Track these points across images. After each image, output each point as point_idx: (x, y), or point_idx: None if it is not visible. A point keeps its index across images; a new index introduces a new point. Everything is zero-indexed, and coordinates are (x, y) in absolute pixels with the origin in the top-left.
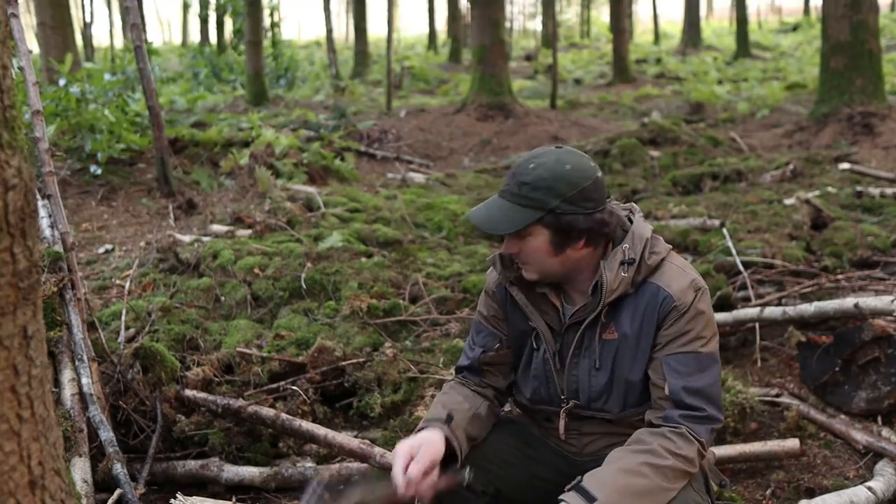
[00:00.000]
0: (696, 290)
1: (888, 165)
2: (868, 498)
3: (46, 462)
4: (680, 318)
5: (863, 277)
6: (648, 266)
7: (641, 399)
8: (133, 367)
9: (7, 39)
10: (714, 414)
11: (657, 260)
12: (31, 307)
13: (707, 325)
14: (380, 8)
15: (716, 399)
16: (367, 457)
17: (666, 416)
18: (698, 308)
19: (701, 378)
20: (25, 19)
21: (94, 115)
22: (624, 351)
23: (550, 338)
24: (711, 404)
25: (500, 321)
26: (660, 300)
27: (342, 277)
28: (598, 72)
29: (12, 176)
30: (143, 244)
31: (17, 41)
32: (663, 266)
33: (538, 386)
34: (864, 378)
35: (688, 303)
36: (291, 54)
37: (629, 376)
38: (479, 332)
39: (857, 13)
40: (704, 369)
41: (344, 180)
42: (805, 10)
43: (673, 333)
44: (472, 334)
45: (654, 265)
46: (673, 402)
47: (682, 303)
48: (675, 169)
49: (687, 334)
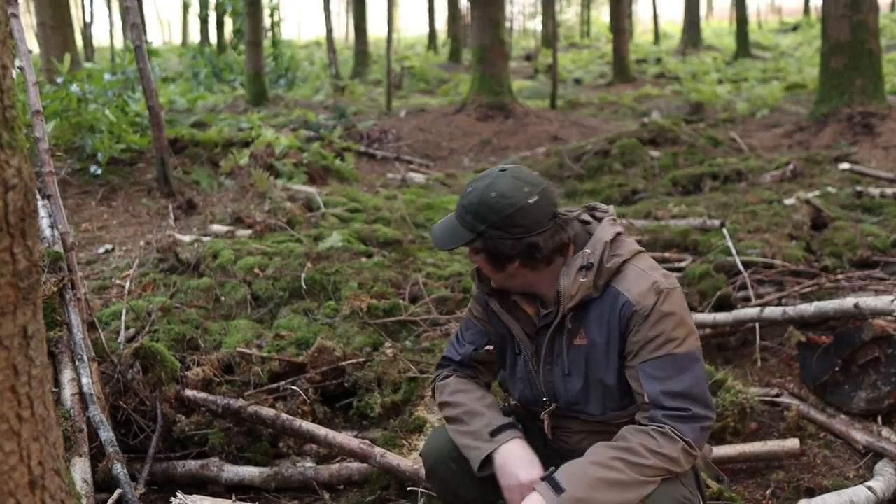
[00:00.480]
0: (658, 293)
1: (888, 165)
2: (868, 497)
3: (46, 462)
4: (644, 324)
5: (863, 277)
6: (609, 269)
7: (623, 401)
8: (133, 367)
9: (7, 39)
10: (701, 412)
11: (618, 262)
12: (31, 307)
13: (678, 326)
14: (380, 8)
15: (701, 397)
16: (368, 457)
17: (650, 417)
18: (662, 311)
19: (681, 380)
20: (25, 19)
21: (94, 115)
22: (595, 356)
23: (528, 342)
24: (697, 403)
25: (487, 323)
26: (619, 305)
27: (342, 277)
28: (598, 72)
29: (12, 176)
30: (143, 244)
31: (17, 41)
32: (625, 269)
33: (523, 388)
34: (864, 378)
35: (648, 307)
36: (291, 54)
37: (605, 380)
38: (468, 329)
39: (857, 13)
40: (683, 370)
41: (344, 180)
42: (805, 10)
43: (641, 340)
44: (463, 330)
45: (615, 268)
46: (655, 406)
47: (643, 307)
48: (675, 169)
49: (656, 339)
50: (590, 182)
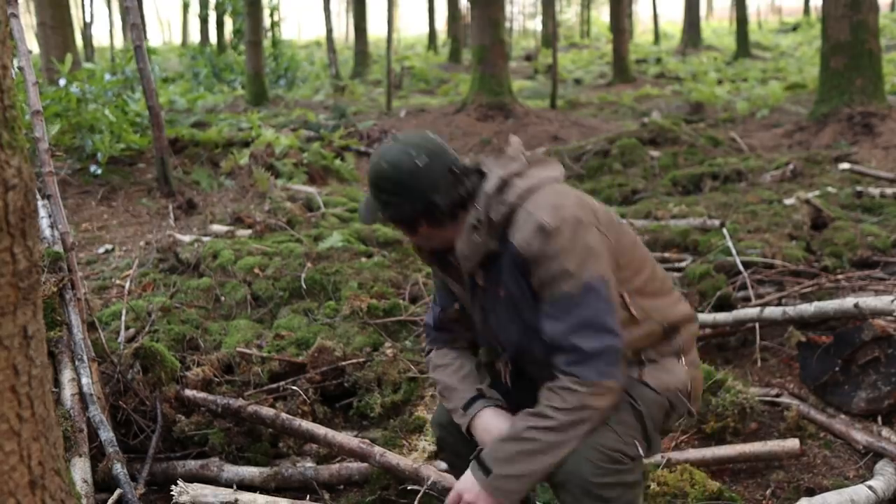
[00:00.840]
0: (543, 233)
1: (888, 165)
2: (868, 497)
3: (46, 462)
4: (537, 267)
5: (863, 277)
6: (497, 222)
7: None
8: (133, 367)
9: (7, 39)
10: (597, 346)
11: (504, 212)
12: (31, 307)
13: (568, 259)
14: (380, 8)
15: (600, 325)
16: (367, 456)
17: (556, 366)
18: (548, 252)
19: (577, 313)
20: (25, 19)
21: (94, 115)
22: (519, 304)
23: (468, 299)
24: (593, 336)
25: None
26: (513, 255)
27: (342, 277)
28: (598, 72)
29: (12, 176)
30: (143, 244)
31: (17, 41)
32: (516, 215)
33: (481, 340)
34: (864, 378)
35: (534, 251)
36: (291, 54)
37: (536, 325)
38: (438, 292)
39: (857, 13)
40: (579, 303)
41: (344, 180)
42: (805, 10)
43: (538, 283)
44: (434, 294)
45: (505, 217)
46: (558, 350)
47: (529, 252)
48: (675, 169)
49: (552, 281)
50: (590, 182)
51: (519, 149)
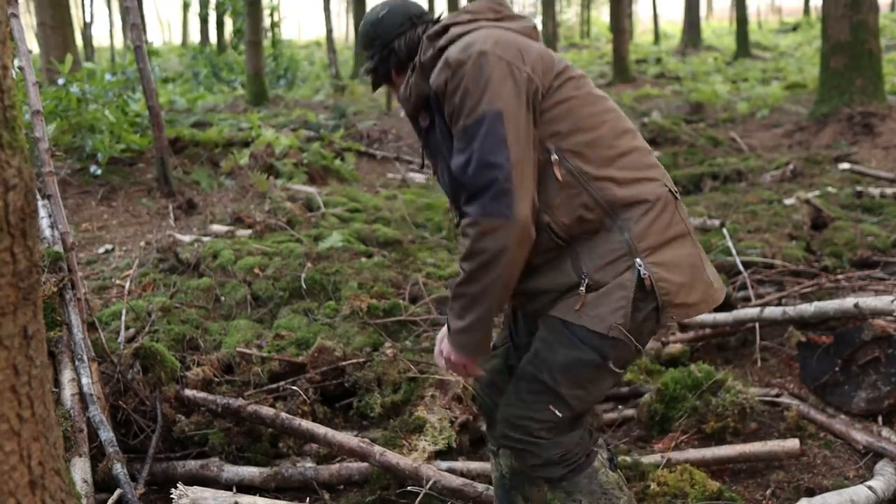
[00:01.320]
0: (447, 67)
1: (888, 165)
2: (868, 497)
3: (46, 462)
4: (445, 102)
5: (863, 277)
6: (425, 64)
7: None
8: (133, 367)
9: (7, 39)
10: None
11: (432, 54)
12: (31, 307)
13: (467, 93)
14: None
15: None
16: (367, 456)
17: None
18: (450, 86)
19: (470, 148)
20: (25, 19)
21: (94, 115)
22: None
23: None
24: (482, 169)
25: None
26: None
27: (342, 277)
28: (598, 72)
29: (12, 176)
30: (143, 244)
31: (17, 41)
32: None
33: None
34: (864, 378)
35: (440, 84)
36: (291, 54)
37: None
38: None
39: (857, 13)
40: (472, 136)
41: (344, 180)
42: (805, 10)
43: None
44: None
45: (432, 58)
46: (460, 186)
47: (438, 88)
48: (675, 169)
49: (452, 114)
50: None
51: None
